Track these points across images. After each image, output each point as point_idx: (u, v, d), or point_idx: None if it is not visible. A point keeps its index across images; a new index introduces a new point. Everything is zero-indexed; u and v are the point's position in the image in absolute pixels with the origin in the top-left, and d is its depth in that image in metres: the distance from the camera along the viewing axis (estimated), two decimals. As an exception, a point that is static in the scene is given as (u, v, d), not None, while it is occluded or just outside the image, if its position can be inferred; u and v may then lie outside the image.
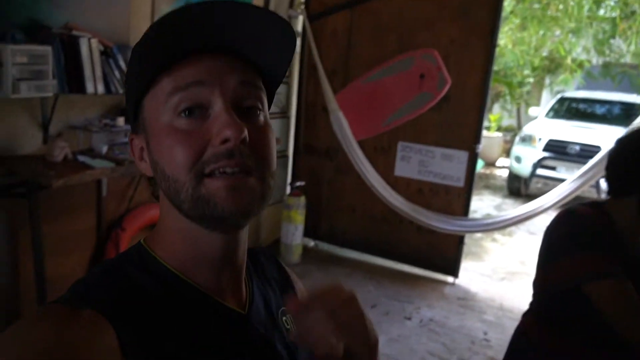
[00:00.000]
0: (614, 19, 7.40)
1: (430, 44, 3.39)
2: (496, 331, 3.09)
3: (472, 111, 3.41)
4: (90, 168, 2.20)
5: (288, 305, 0.53)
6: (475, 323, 3.18)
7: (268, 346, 0.61)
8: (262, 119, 0.56)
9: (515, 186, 6.87)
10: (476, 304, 3.46)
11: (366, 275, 3.73)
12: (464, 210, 3.56)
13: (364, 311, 0.54)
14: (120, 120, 2.46)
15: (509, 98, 9.68)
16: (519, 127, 9.51)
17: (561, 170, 5.98)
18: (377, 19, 3.59)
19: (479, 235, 4.87)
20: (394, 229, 3.81)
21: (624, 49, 8.17)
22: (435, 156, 3.56)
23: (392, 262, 3.89)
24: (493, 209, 6.25)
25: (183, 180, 0.51)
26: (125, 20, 2.52)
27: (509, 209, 5.64)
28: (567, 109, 7.28)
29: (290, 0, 3.78)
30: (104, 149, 2.41)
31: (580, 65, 8.44)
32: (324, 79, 3.58)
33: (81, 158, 2.30)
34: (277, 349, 0.62)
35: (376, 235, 3.89)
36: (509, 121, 10.74)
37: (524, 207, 3.50)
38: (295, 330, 0.51)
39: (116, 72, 2.35)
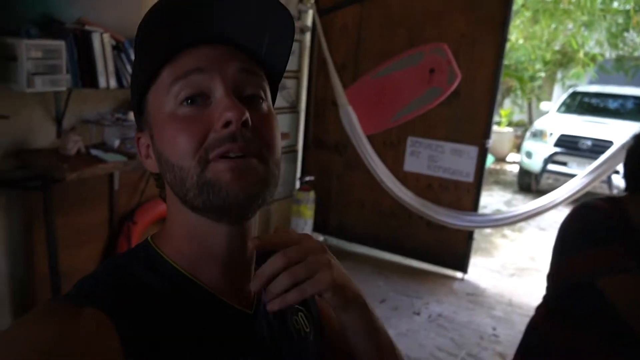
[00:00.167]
0: (628, 12, 7.28)
1: (440, 38, 3.37)
2: (505, 327, 3.09)
3: (482, 106, 3.39)
4: (102, 162, 2.23)
5: (250, 242, 0.54)
6: (484, 319, 3.18)
7: (273, 347, 0.60)
8: (266, 108, 0.56)
9: (526, 182, 6.81)
10: (485, 299, 3.45)
11: (375, 270, 3.73)
12: (474, 205, 3.54)
13: (331, 261, 0.54)
14: (132, 115, 2.49)
15: (520, 93, 9.56)
16: (530, 122, 9.42)
17: (572, 166, 5.92)
18: (387, 13, 3.58)
19: (489, 231, 4.85)
20: (403, 224, 3.81)
21: (638, 42, 8.04)
22: (445, 151, 3.55)
23: (401, 258, 3.89)
24: (503, 204, 6.21)
25: (188, 166, 0.51)
26: (137, 14, 2.53)
27: (519, 204, 5.60)
28: (579, 103, 7.18)
29: (300, -5, 3.78)
30: (116, 143, 2.44)
31: (593, 59, 8.31)
32: (333, 73, 3.57)
33: (94, 152, 2.33)
34: (282, 350, 0.61)
35: (385, 230, 3.89)
36: (519, 116, 10.63)
37: (534, 203, 3.48)
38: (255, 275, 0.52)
39: (128, 67, 2.37)
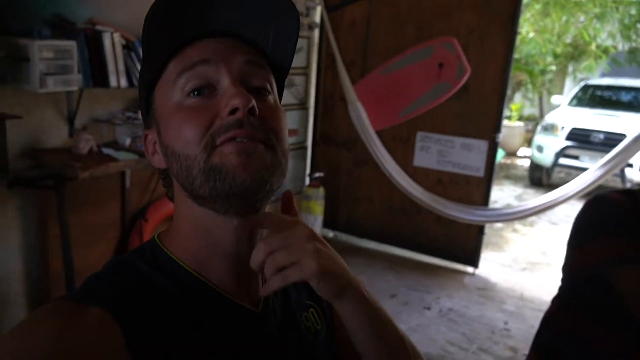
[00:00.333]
0: (641, 3, 7.18)
1: (450, 33, 3.35)
2: (517, 321, 3.07)
3: (492, 100, 3.37)
4: (114, 160, 2.26)
5: (250, 221, 0.54)
6: (496, 313, 3.17)
7: (281, 346, 0.59)
8: (272, 100, 0.56)
9: (537, 176, 6.75)
10: (496, 294, 3.44)
11: (385, 265, 3.74)
12: (484, 200, 3.53)
13: (318, 249, 0.51)
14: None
15: (530, 87, 9.47)
16: (541, 116, 9.33)
17: (584, 160, 5.86)
18: (396, 9, 3.56)
19: (500, 226, 4.82)
20: (413, 219, 3.80)
21: (651, 34, 7.92)
22: (455, 146, 3.53)
23: (411, 253, 3.89)
24: (514, 199, 6.17)
25: (194, 154, 0.51)
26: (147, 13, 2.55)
27: (530, 199, 5.56)
28: (591, 96, 7.09)
29: (308, -9, 3.77)
30: (127, 142, 2.47)
31: (606, 51, 8.20)
32: (342, 69, 3.57)
33: (105, 150, 2.36)
34: (291, 349, 0.60)
35: (395, 225, 3.89)
36: (530, 110, 10.53)
37: (545, 197, 3.45)
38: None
39: (138, 66, 2.40)
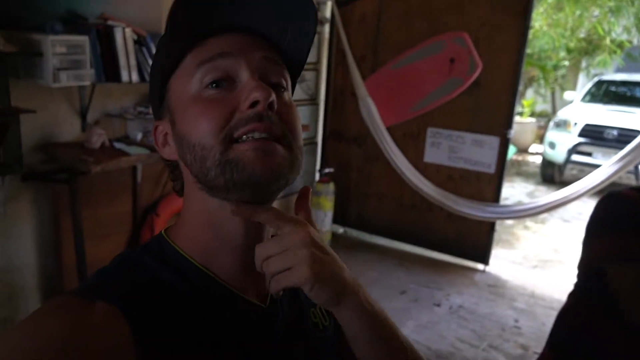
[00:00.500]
0: (657, -3, 7.05)
1: (461, 27, 3.32)
2: (527, 318, 3.05)
3: (504, 96, 3.34)
4: (126, 154, 2.28)
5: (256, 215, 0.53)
6: (506, 310, 3.15)
7: (286, 342, 0.59)
8: (287, 97, 0.56)
9: (549, 173, 6.68)
10: (507, 291, 3.42)
11: (395, 261, 3.73)
12: (495, 196, 3.50)
13: (313, 254, 0.50)
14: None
15: (542, 82, 9.35)
16: (554, 112, 9.22)
17: (597, 156, 5.78)
18: (406, 3, 3.54)
19: (510, 223, 4.79)
20: (424, 215, 3.79)
21: (667, 29, 7.77)
22: (466, 142, 3.50)
23: (422, 249, 3.88)
24: (525, 196, 6.11)
25: (210, 145, 0.50)
26: (158, 9, 2.57)
27: (542, 196, 5.51)
28: (605, 92, 6.99)
29: (319, -14, 3.76)
30: (139, 136, 2.49)
31: (620, 46, 8.06)
32: (352, 65, 3.56)
33: (117, 145, 2.38)
34: (296, 345, 0.60)
35: (405, 222, 3.88)
36: (542, 106, 10.42)
37: (557, 194, 3.41)
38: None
39: (149, 61, 2.41)
